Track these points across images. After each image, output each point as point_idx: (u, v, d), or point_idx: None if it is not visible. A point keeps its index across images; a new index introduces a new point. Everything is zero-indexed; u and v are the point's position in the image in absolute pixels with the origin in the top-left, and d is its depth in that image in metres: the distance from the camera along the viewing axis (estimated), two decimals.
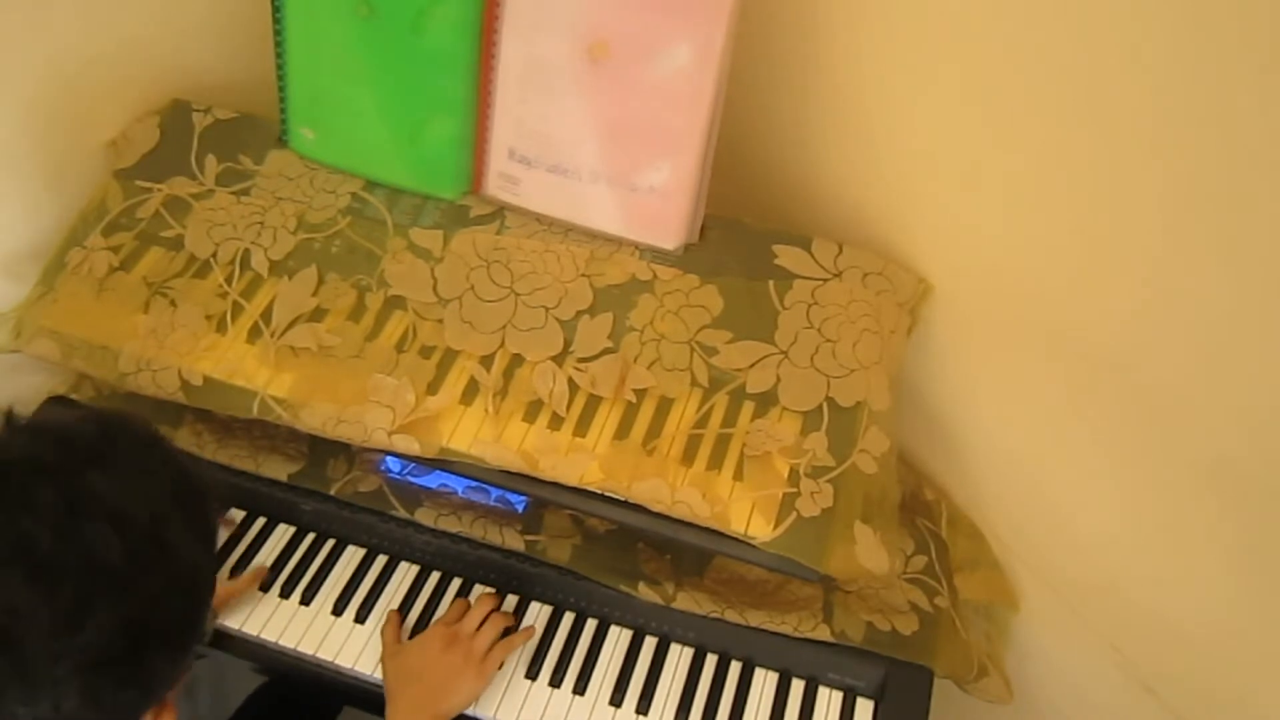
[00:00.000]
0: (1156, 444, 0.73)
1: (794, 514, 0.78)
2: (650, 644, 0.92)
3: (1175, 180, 0.62)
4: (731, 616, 0.88)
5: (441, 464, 0.83)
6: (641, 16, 0.79)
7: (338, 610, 0.93)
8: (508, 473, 0.82)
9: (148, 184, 0.97)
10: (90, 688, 0.50)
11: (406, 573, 0.96)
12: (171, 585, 0.53)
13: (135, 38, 0.99)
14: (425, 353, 0.87)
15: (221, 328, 0.89)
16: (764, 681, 0.90)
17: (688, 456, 0.81)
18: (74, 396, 1.02)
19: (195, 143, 1.00)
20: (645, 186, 0.86)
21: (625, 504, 0.81)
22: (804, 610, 0.89)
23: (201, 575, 0.57)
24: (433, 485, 0.96)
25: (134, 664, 0.52)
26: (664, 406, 0.84)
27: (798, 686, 0.90)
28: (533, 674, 0.89)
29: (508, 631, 0.90)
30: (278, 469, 0.96)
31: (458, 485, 0.95)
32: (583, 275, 0.88)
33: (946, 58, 0.74)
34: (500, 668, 0.88)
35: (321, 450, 0.97)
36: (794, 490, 0.79)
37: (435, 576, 0.96)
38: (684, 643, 0.92)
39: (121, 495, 0.53)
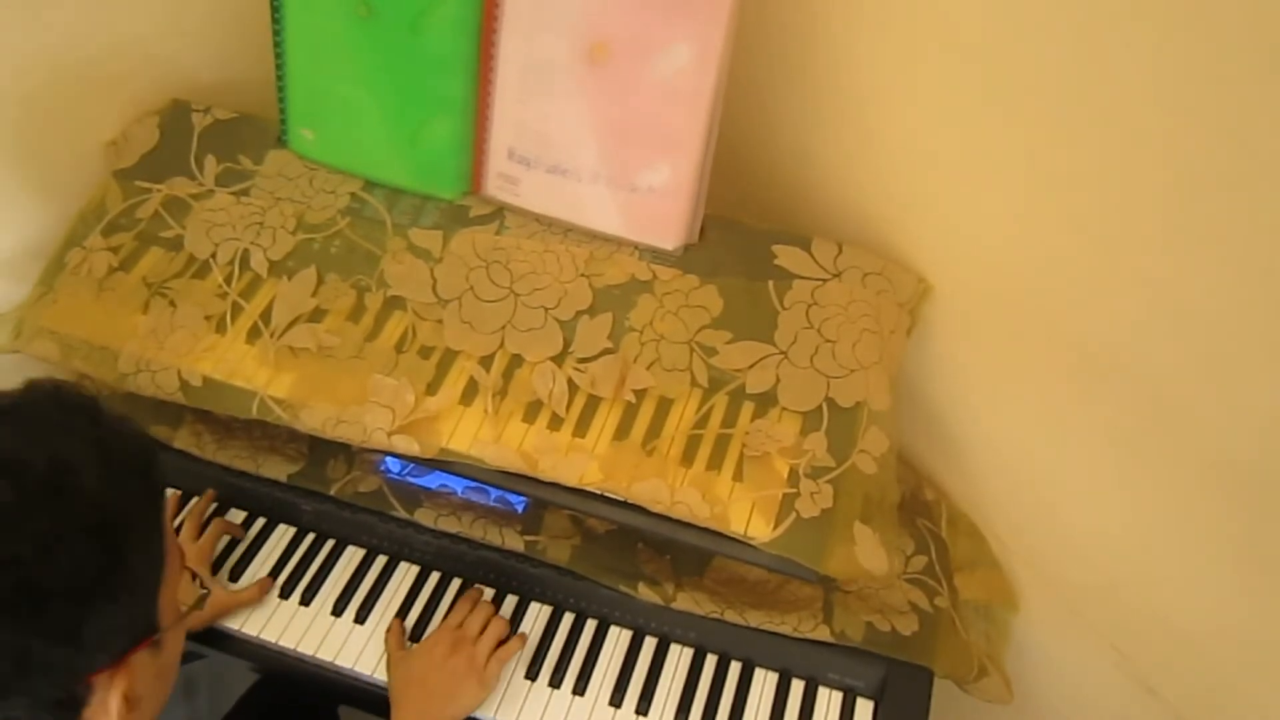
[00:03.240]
0: (1157, 444, 0.73)
1: (793, 514, 0.78)
2: (650, 644, 0.92)
3: (1177, 179, 0.61)
4: (731, 617, 0.88)
5: (441, 464, 0.83)
6: (641, 17, 0.79)
7: (337, 611, 0.93)
8: (507, 473, 0.82)
9: (147, 184, 0.97)
10: None
11: (406, 573, 0.96)
12: (71, 528, 0.52)
13: (135, 37, 0.99)
14: (425, 353, 0.87)
15: (221, 328, 0.89)
16: (764, 682, 0.90)
17: (687, 457, 0.81)
18: None
19: (195, 143, 1.00)
20: (645, 187, 0.86)
21: (625, 504, 0.81)
22: (804, 610, 0.89)
23: (115, 521, 0.54)
24: (432, 486, 0.96)
25: (38, 610, 0.51)
26: (663, 407, 0.84)
27: (798, 687, 0.90)
28: (532, 674, 0.90)
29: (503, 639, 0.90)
30: (277, 469, 0.96)
31: (457, 486, 0.95)
32: (582, 275, 0.88)
33: (946, 57, 0.74)
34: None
35: (321, 451, 0.97)
36: (793, 491, 0.79)
37: (435, 577, 0.96)
38: (684, 643, 0.92)
39: (17, 444, 0.53)
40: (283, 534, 0.98)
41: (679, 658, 0.92)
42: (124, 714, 0.55)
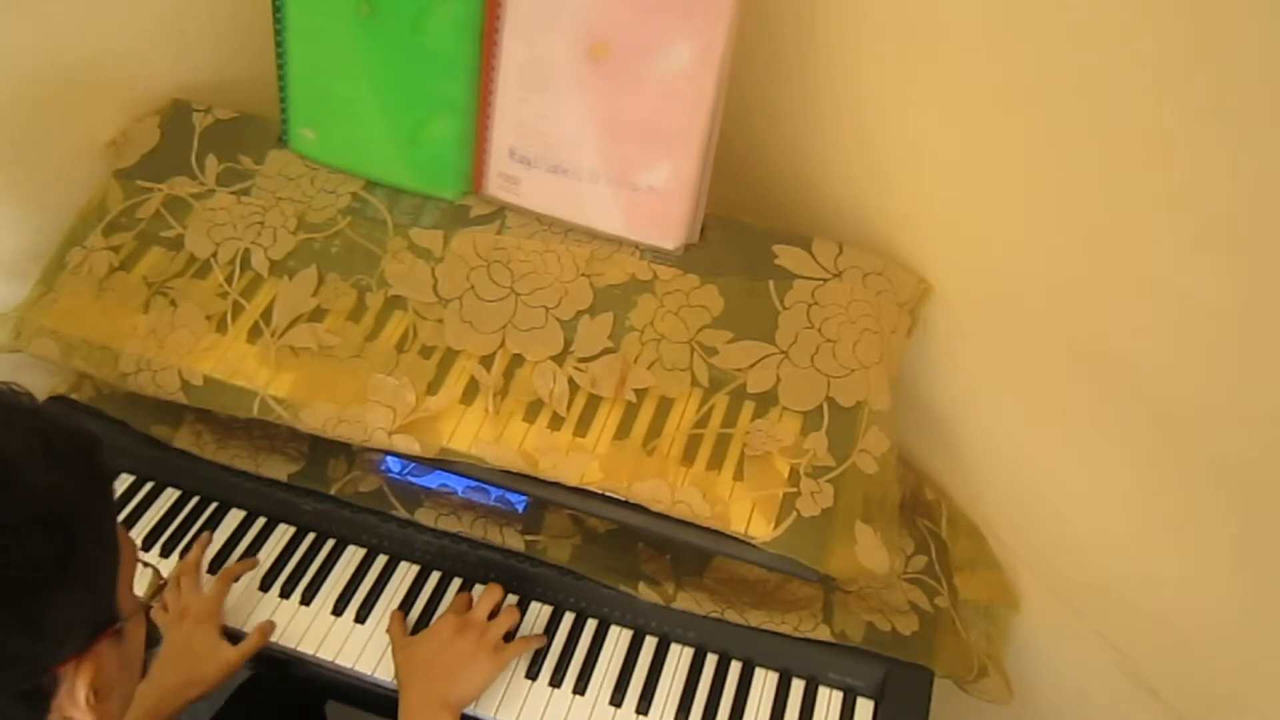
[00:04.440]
0: (1158, 444, 0.73)
1: (794, 514, 0.78)
2: (650, 644, 0.92)
3: (1177, 180, 0.61)
4: (731, 616, 0.88)
5: (442, 464, 0.83)
6: (642, 16, 0.79)
7: (338, 610, 0.93)
8: (508, 473, 0.83)
9: (148, 184, 0.97)
10: None
11: (407, 573, 0.96)
12: (23, 518, 0.52)
13: (136, 37, 0.99)
14: (425, 353, 0.87)
15: (222, 328, 0.89)
16: (764, 681, 0.90)
17: (688, 456, 0.81)
18: (74, 396, 1.02)
19: (195, 143, 1.00)
20: (645, 186, 0.86)
21: (625, 504, 0.81)
22: (804, 610, 0.89)
23: (64, 511, 0.55)
24: (433, 485, 0.96)
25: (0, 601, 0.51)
26: (664, 406, 0.84)
27: (798, 686, 0.90)
28: (533, 674, 0.90)
29: (514, 628, 0.90)
30: (278, 469, 0.96)
31: (458, 485, 0.96)
32: (583, 275, 0.88)
33: (947, 58, 0.74)
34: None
35: (321, 450, 0.97)
36: (794, 490, 0.79)
37: (435, 576, 0.96)
38: (684, 643, 0.92)
39: None
40: (283, 534, 0.98)
41: (679, 657, 0.92)
42: (93, 704, 0.55)
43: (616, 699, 0.88)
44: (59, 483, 0.55)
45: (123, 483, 1.02)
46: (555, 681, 0.89)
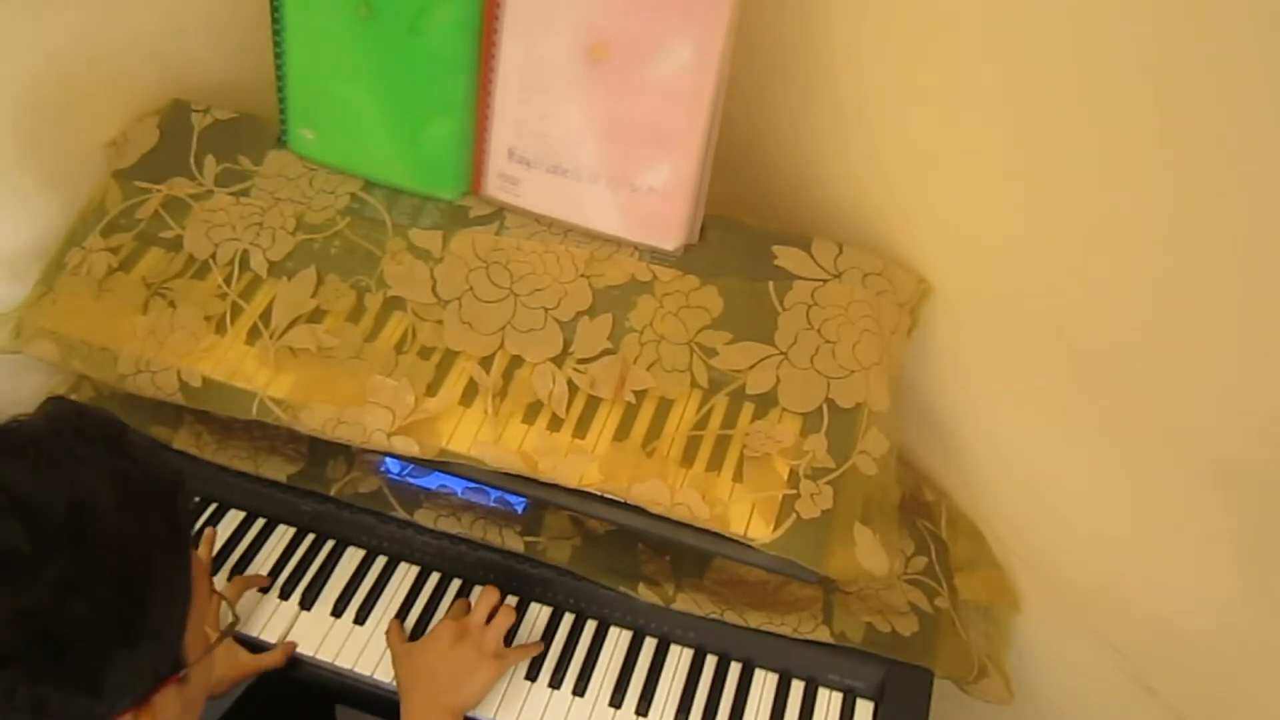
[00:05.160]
0: (1158, 444, 0.73)
1: (794, 515, 0.78)
2: (650, 645, 0.92)
3: (1178, 180, 0.61)
4: (731, 618, 0.88)
5: (441, 465, 0.83)
6: (642, 17, 0.79)
7: (337, 611, 0.93)
8: (507, 474, 0.82)
9: (147, 184, 0.97)
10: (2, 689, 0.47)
11: (406, 574, 0.96)
12: (91, 574, 0.49)
13: (135, 37, 0.99)
14: (424, 354, 0.87)
15: (220, 329, 0.89)
16: (764, 683, 0.90)
17: (687, 458, 0.81)
18: (74, 397, 1.02)
19: (194, 143, 0.99)
20: (645, 187, 0.86)
21: (625, 505, 0.81)
22: (804, 611, 0.89)
23: (137, 563, 0.51)
24: (432, 486, 0.96)
25: (57, 661, 0.48)
26: (663, 408, 0.84)
27: (797, 688, 0.90)
28: (532, 675, 0.90)
29: (513, 629, 0.90)
30: (277, 470, 0.96)
31: (457, 486, 0.95)
32: (582, 276, 0.88)
33: (947, 58, 0.74)
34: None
35: (321, 451, 0.97)
36: (794, 492, 0.79)
37: (435, 578, 0.96)
38: (684, 644, 0.92)
39: (35, 484, 0.50)
40: (282, 534, 0.98)
41: (679, 658, 0.92)
42: None
43: (616, 700, 0.88)
44: (135, 535, 0.52)
45: None
46: (555, 683, 0.89)
